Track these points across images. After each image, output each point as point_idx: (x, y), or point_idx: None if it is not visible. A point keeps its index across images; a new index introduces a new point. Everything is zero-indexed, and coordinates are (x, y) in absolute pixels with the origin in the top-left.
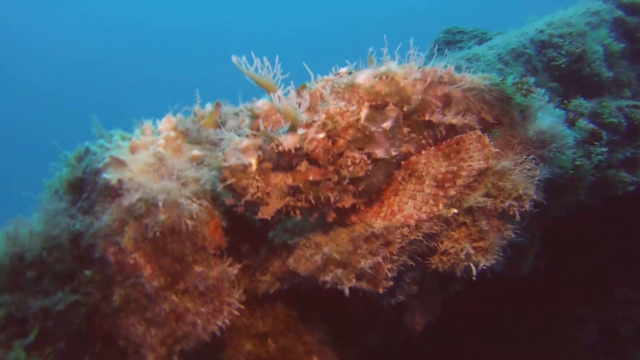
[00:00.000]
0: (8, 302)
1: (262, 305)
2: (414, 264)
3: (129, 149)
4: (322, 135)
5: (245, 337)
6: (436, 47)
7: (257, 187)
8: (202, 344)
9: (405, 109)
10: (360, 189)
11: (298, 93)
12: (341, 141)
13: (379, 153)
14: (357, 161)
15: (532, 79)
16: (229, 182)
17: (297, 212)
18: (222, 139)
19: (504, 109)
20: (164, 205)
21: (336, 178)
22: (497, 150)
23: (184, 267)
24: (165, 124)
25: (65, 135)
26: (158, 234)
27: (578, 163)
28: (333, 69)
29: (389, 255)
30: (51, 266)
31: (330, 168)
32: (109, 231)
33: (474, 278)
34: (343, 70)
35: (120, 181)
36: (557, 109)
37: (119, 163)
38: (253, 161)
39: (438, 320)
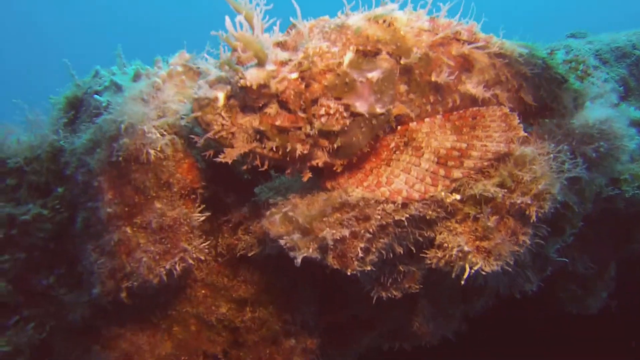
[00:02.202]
0: None
1: (248, 268)
2: (402, 253)
3: (133, 77)
4: (294, 75)
5: (222, 299)
6: None
7: (222, 125)
8: (160, 289)
9: (402, 62)
10: (335, 146)
11: (287, 33)
12: (316, 85)
13: (359, 106)
14: (331, 111)
15: (590, 59)
16: (193, 114)
17: (265, 162)
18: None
19: (554, 92)
20: (126, 130)
21: (308, 128)
22: (527, 134)
23: (144, 200)
24: (176, 58)
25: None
26: (121, 158)
27: None
28: (339, 13)
29: (363, 232)
30: (28, 177)
31: (302, 115)
32: (82, 150)
33: (462, 282)
34: (351, 13)
35: (109, 103)
36: (625, 104)
37: (116, 87)
38: (220, 95)
39: (458, 337)
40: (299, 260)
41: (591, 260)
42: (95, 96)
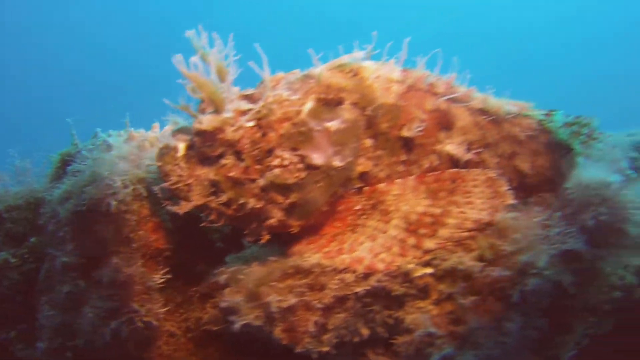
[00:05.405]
0: None
1: (218, 347)
2: (370, 337)
3: (127, 139)
4: (251, 123)
5: None
6: None
7: (180, 176)
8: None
9: (367, 113)
10: (289, 202)
11: (257, 87)
12: (272, 135)
13: (316, 158)
14: (286, 163)
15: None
16: (154, 163)
17: (222, 218)
18: None
19: (555, 160)
20: (92, 179)
21: (262, 182)
22: (515, 203)
23: (102, 253)
24: (171, 123)
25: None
26: (85, 208)
27: None
28: None
29: (316, 304)
30: (6, 224)
31: (257, 167)
32: (57, 201)
33: None
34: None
35: (96, 159)
36: None
37: (107, 146)
38: (181, 146)
39: None
40: (237, 326)
41: None
42: (83, 151)
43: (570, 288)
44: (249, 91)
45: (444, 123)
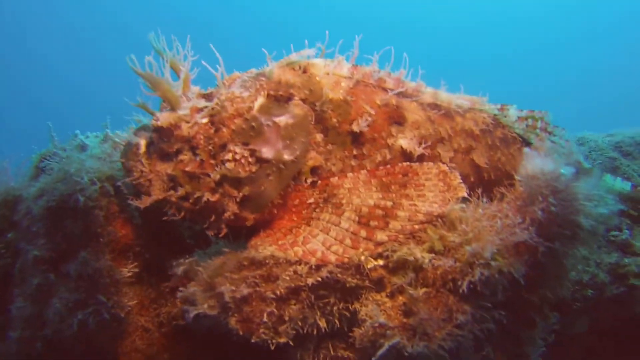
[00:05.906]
0: None
1: (187, 342)
2: (329, 329)
3: (102, 140)
4: (205, 120)
5: None
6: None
7: (141, 172)
8: (87, 351)
9: (317, 108)
10: (242, 194)
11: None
12: (225, 130)
13: (266, 152)
14: (237, 157)
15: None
16: (119, 160)
17: (181, 212)
18: None
19: (512, 154)
20: (62, 176)
21: (217, 177)
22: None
23: (71, 248)
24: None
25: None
26: (55, 204)
27: None
28: None
29: (270, 294)
30: None
31: (211, 161)
32: (32, 198)
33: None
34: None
35: (67, 158)
36: (610, 176)
37: (82, 147)
38: (142, 142)
39: None
40: (190, 315)
41: None
42: (57, 151)
43: (522, 280)
44: (208, 90)
45: (395, 118)
